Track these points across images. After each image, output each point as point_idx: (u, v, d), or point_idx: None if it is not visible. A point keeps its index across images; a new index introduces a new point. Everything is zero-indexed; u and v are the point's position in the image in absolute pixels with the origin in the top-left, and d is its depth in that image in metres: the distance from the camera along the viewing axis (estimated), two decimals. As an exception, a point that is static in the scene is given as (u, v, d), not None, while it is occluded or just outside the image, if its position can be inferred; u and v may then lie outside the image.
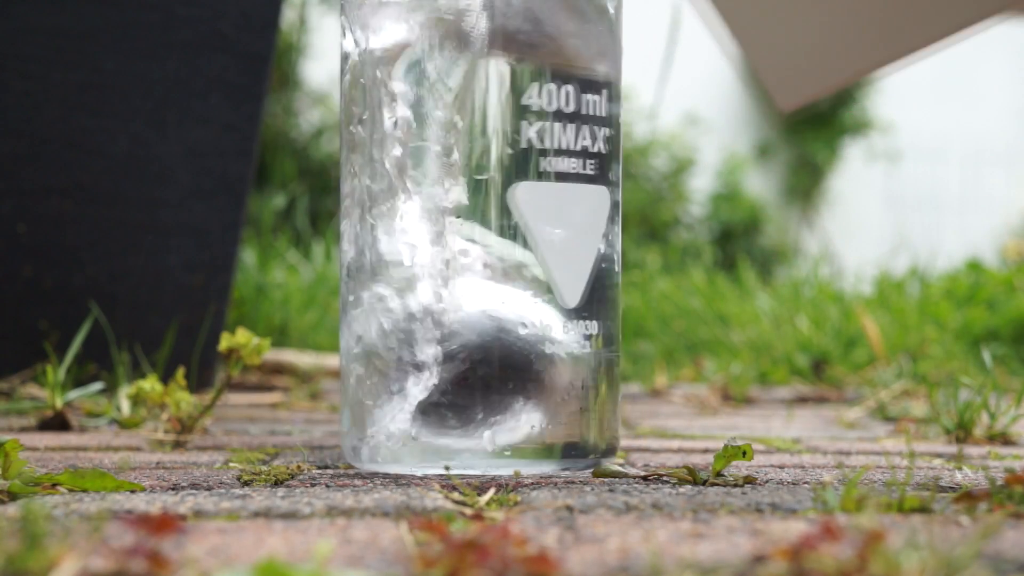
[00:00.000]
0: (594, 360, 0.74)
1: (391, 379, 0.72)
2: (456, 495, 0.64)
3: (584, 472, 0.74)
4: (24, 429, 1.02)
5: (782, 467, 0.80)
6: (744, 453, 0.70)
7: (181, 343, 1.31)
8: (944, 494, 0.63)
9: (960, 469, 0.80)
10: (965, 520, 0.55)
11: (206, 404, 0.95)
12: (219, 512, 0.56)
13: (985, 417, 1.07)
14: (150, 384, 0.94)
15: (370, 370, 0.73)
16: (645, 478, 0.71)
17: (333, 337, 1.98)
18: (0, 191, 1.25)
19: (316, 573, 0.40)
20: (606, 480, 0.70)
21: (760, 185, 6.09)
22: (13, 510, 0.56)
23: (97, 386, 1.16)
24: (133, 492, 0.63)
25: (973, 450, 0.96)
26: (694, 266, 3.20)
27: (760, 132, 6.28)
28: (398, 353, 0.72)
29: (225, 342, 0.90)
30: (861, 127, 6.20)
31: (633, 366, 2.08)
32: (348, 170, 0.75)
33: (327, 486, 0.67)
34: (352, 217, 0.75)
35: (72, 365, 1.16)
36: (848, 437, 1.08)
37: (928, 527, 0.52)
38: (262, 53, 1.34)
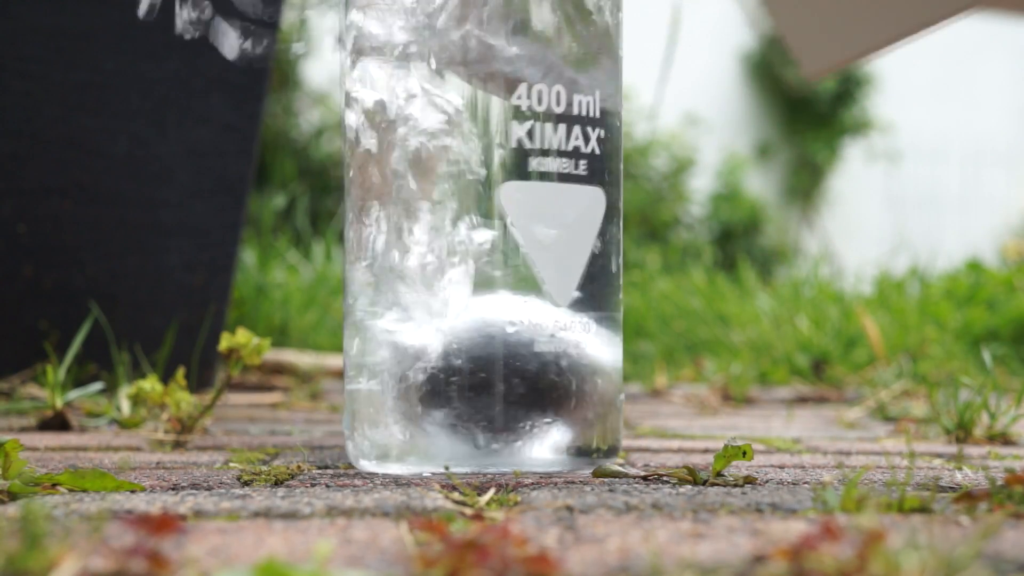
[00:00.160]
0: (591, 359, 0.74)
1: (390, 380, 0.72)
2: (456, 495, 0.64)
3: (584, 472, 0.74)
4: (24, 429, 1.02)
5: (782, 467, 0.80)
6: (744, 453, 0.70)
7: (181, 343, 1.31)
8: (944, 494, 0.63)
9: (960, 469, 0.80)
10: (965, 520, 0.55)
11: (206, 404, 0.95)
12: (219, 512, 0.56)
13: (985, 417, 1.07)
14: (150, 384, 0.94)
15: (371, 370, 0.73)
16: (645, 478, 0.71)
17: (333, 337, 1.98)
18: (0, 191, 1.25)
19: (316, 573, 0.40)
20: (606, 480, 0.70)
21: (760, 185, 6.09)
22: (13, 510, 0.56)
23: (97, 386, 1.16)
24: (133, 492, 0.63)
25: (973, 450, 0.96)
26: (694, 266, 3.20)
27: (760, 132, 6.28)
28: (397, 353, 0.72)
29: (225, 342, 0.90)
30: (861, 127, 6.21)
31: (633, 366, 2.08)
32: (346, 175, 0.76)
33: (327, 486, 0.67)
34: (349, 219, 0.75)
35: (72, 365, 1.16)
36: (848, 437, 1.08)
37: (928, 527, 0.52)
38: (262, 53, 1.34)
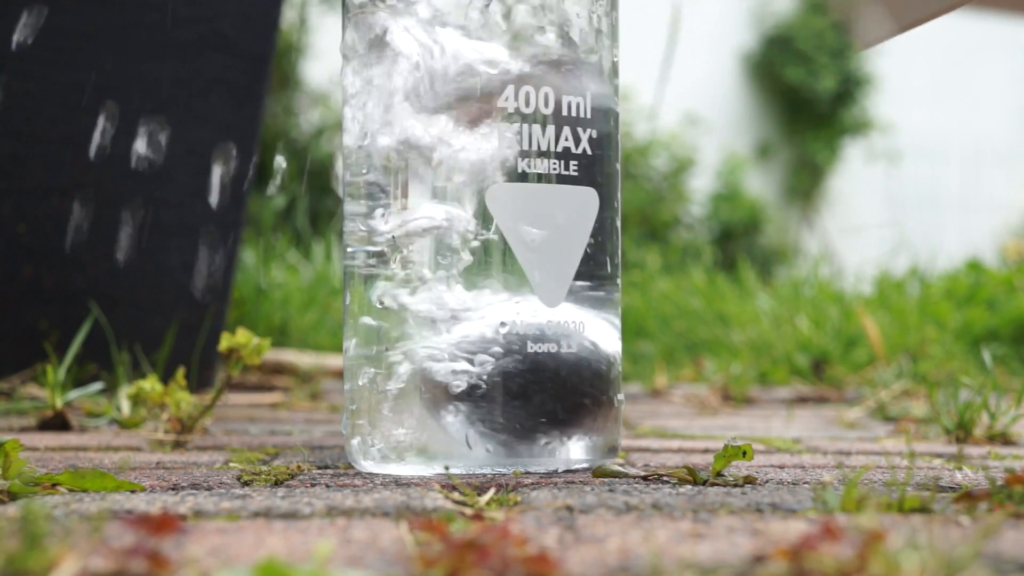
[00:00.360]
0: (583, 359, 0.74)
1: (390, 380, 0.72)
2: (456, 495, 0.64)
3: (584, 472, 0.74)
4: (24, 429, 1.02)
5: (782, 467, 0.80)
6: (744, 453, 0.70)
7: (181, 343, 1.31)
8: (944, 494, 0.63)
9: (960, 469, 0.80)
10: (965, 520, 0.55)
11: (206, 404, 0.95)
12: (219, 512, 0.56)
13: (985, 417, 1.06)
14: (150, 384, 0.94)
15: (370, 371, 0.73)
16: (645, 478, 0.71)
17: (333, 337, 1.98)
18: (0, 191, 1.25)
19: (316, 573, 0.40)
20: (606, 480, 0.70)
21: (760, 185, 6.09)
22: (13, 510, 0.56)
23: (97, 386, 1.16)
24: (133, 492, 0.63)
25: (973, 450, 0.96)
26: (694, 266, 3.20)
27: (760, 132, 6.28)
28: (395, 354, 0.72)
29: (225, 342, 0.90)
30: (861, 127, 6.21)
31: (633, 366, 2.08)
32: (344, 175, 0.76)
33: (327, 486, 0.67)
34: (345, 219, 0.76)
35: (72, 365, 1.16)
36: (848, 437, 1.08)
37: (928, 527, 0.52)
38: (262, 53, 1.35)
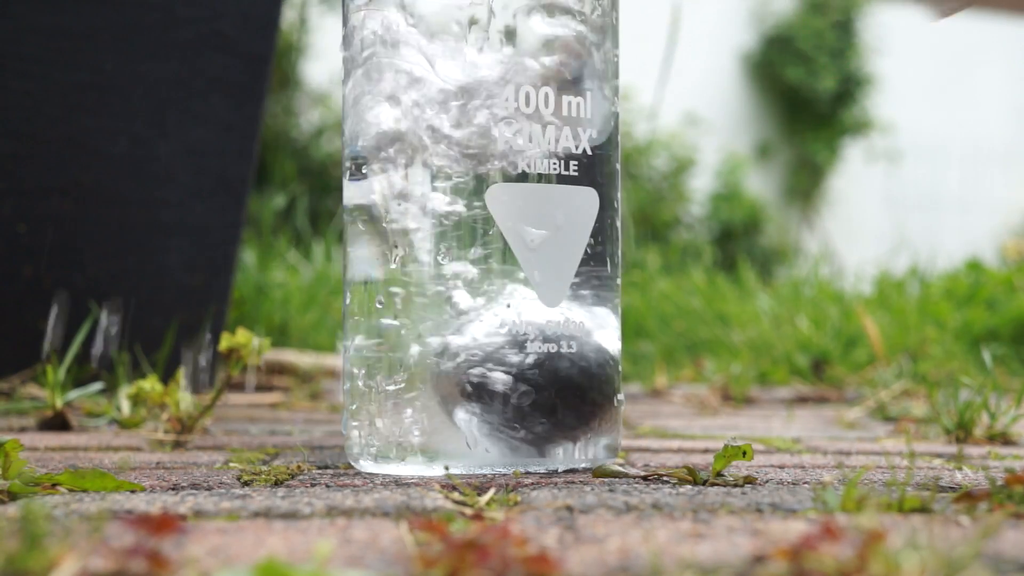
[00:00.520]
0: (583, 359, 0.74)
1: (390, 380, 0.72)
2: (456, 495, 0.64)
3: (584, 472, 0.74)
4: (24, 429, 1.02)
5: (782, 467, 0.80)
6: (744, 453, 0.70)
7: (181, 343, 1.31)
8: (944, 494, 0.63)
9: (960, 469, 0.80)
10: (965, 520, 0.55)
11: (206, 404, 0.95)
12: (219, 512, 0.56)
13: (985, 417, 1.06)
14: (150, 384, 0.94)
15: (370, 371, 0.73)
16: (645, 478, 0.71)
17: (333, 337, 1.98)
18: (0, 191, 1.25)
19: (316, 573, 0.40)
20: (606, 480, 0.70)
21: (760, 185, 6.09)
22: (13, 510, 0.56)
23: (97, 386, 1.16)
24: (133, 492, 0.63)
25: (973, 450, 0.96)
26: (694, 266, 3.19)
27: (760, 132, 6.28)
28: (393, 354, 0.72)
29: (225, 342, 0.90)
30: (861, 127, 6.21)
31: (633, 366, 2.08)
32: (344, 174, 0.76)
33: (327, 486, 0.67)
34: (345, 222, 0.76)
35: (72, 365, 1.16)
36: (848, 437, 1.08)
37: (928, 527, 0.52)
38: (262, 53, 1.35)
